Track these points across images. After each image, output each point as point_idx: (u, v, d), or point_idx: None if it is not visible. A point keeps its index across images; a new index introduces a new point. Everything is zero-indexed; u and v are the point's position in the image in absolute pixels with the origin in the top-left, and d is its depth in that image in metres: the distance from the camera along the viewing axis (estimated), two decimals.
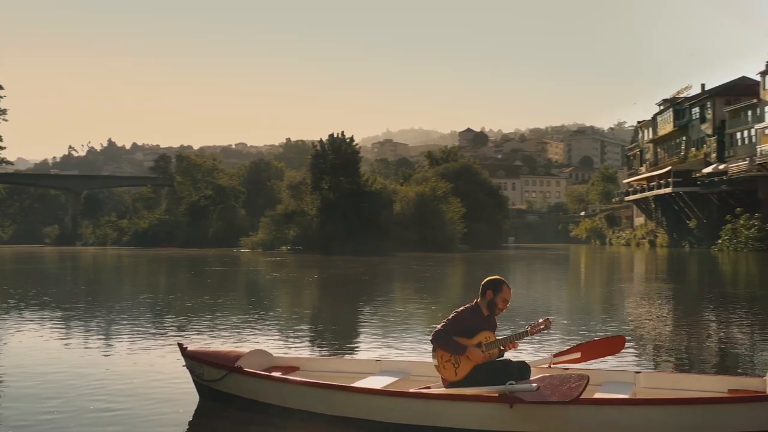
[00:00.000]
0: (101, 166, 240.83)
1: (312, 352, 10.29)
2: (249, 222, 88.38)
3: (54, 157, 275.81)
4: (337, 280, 28.22)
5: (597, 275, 34.56)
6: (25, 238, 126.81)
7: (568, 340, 10.89)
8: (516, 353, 7.54)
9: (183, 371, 7.45)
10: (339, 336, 12.09)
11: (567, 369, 6.43)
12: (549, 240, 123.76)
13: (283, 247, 70.19)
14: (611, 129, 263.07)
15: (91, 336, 11.90)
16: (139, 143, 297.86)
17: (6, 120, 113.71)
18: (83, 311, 16.32)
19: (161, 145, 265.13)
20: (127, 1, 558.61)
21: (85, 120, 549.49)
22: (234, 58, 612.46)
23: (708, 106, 76.74)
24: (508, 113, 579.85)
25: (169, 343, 10.89)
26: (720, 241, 64.93)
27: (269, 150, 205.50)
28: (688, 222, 76.39)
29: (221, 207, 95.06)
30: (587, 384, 5.19)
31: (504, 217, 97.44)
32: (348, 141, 75.97)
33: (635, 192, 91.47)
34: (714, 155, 73.90)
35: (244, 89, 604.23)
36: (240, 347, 9.63)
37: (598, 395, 5.68)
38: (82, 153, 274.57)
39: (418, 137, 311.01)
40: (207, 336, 11.69)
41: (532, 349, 9.82)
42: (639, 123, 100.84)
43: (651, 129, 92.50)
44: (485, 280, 6.30)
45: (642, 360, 9.55)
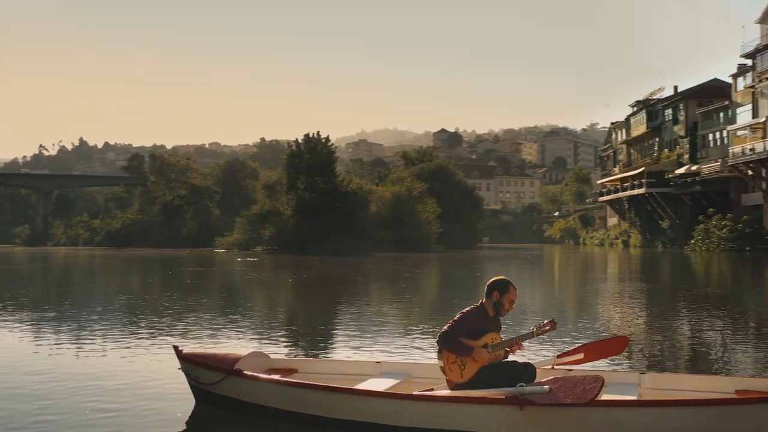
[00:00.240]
0: (72, 165, 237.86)
1: (306, 353, 10.17)
2: (224, 222, 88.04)
3: (24, 156, 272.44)
4: (319, 280, 28.08)
5: (574, 275, 34.77)
6: None
7: (552, 341, 10.88)
8: (517, 354, 7.49)
9: (177, 374, 7.30)
10: (331, 337, 11.98)
11: (571, 370, 6.40)
12: (523, 240, 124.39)
13: (258, 247, 69.86)
14: (584, 130, 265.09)
15: (78, 339, 11.62)
16: (111, 142, 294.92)
17: None
18: (64, 314, 16.03)
19: (134, 145, 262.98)
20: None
21: (56, 119, 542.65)
22: (205, 57, 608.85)
23: (680, 107, 77.58)
24: (481, 114, 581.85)
25: (159, 345, 10.73)
26: (693, 242, 65.64)
27: (243, 150, 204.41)
28: (661, 222, 77.18)
29: (195, 207, 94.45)
30: (602, 386, 5.16)
31: (479, 218, 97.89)
32: (324, 141, 75.87)
33: (609, 192, 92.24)
34: (687, 156, 74.69)
35: (217, 88, 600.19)
36: (233, 349, 9.48)
37: (605, 397, 5.64)
38: (53, 152, 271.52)
39: (392, 137, 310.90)
40: (196, 338, 11.52)
41: (530, 351, 9.79)
42: (612, 124, 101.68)
43: (624, 130, 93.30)
44: (491, 280, 6.24)
45: (631, 361, 9.56)
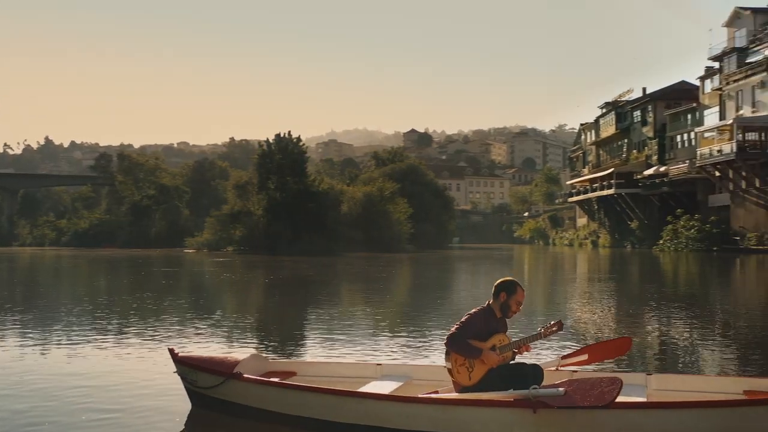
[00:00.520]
0: (38, 164, 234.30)
1: (296, 355, 10.04)
2: (193, 222, 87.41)
3: None
4: (296, 281, 27.86)
5: (544, 275, 34.98)
6: None
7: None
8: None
9: (172, 377, 7.15)
10: (321, 339, 11.78)
11: (576, 371, 6.38)
12: (493, 240, 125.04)
13: (229, 248, 69.39)
14: (553, 131, 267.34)
15: (61, 342, 11.29)
16: (78, 141, 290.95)
17: None
18: (40, 317, 15.60)
19: (100, 144, 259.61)
20: None
21: (21, 117, 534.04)
22: (172, 56, 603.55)
23: (649, 109, 78.46)
24: (451, 114, 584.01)
25: (147, 348, 10.52)
26: (661, 242, 66.39)
27: (212, 149, 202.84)
28: (629, 223, 77.98)
29: (164, 207, 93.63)
30: (621, 387, 5.13)
31: (450, 218, 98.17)
32: (295, 141, 75.54)
33: (578, 193, 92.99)
34: (655, 157, 75.54)
35: (185, 87, 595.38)
36: (226, 352, 9.33)
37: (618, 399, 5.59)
38: (17, 151, 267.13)
39: (362, 138, 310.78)
40: (184, 340, 11.29)
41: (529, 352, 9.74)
42: (582, 125, 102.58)
43: (593, 131, 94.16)
44: (499, 281, 6.17)
45: (615, 361, 9.57)
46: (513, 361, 6.09)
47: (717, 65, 65.75)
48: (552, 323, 6.15)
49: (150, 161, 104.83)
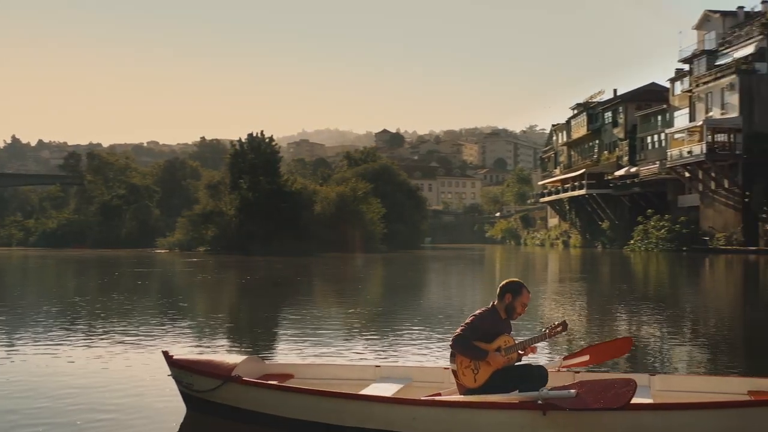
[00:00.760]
0: (4, 163, 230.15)
1: (284, 356, 9.93)
2: (164, 222, 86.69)
3: None
4: (274, 282, 27.67)
5: (519, 275, 35.11)
6: None
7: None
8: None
9: (166, 380, 7.01)
10: (308, 339, 11.68)
11: (578, 372, 6.36)
12: (465, 240, 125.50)
13: (201, 248, 68.87)
14: (524, 132, 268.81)
15: (43, 344, 11.03)
16: (46, 140, 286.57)
17: None
18: (20, 318, 15.33)
19: (69, 143, 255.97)
20: None
21: None
22: (142, 53, 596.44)
23: (620, 110, 79.24)
24: (422, 115, 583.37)
25: (134, 350, 10.32)
26: (632, 242, 67.08)
27: (183, 149, 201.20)
28: (600, 223, 78.68)
29: (135, 207, 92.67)
30: (635, 389, 5.10)
31: (422, 218, 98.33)
32: (267, 140, 75.18)
33: (550, 193, 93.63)
34: (626, 158, 76.29)
35: (154, 86, 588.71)
36: (213, 353, 9.20)
37: None
38: None
39: (334, 138, 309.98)
40: (170, 341, 11.13)
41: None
42: (553, 126, 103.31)
43: (565, 132, 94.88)
44: (504, 282, 6.13)
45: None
46: (518, 363, 6.05)
47: (687, 67, 66.63)
48: (557, 323, 6.11)
49: (120, 160, 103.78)
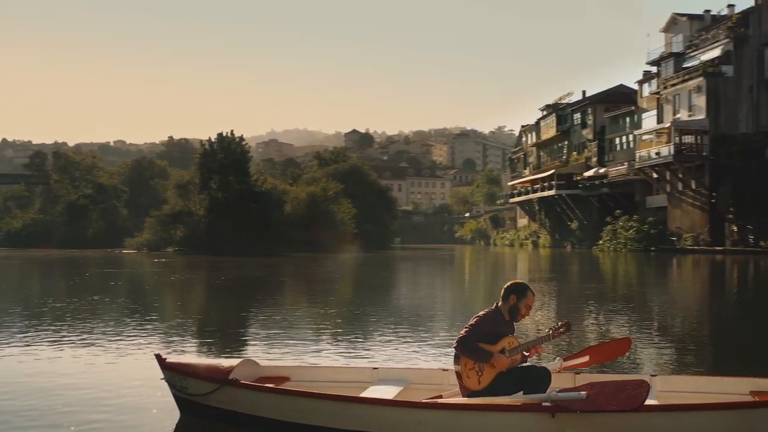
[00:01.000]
0: None
1: (272, 359, 9.79)
2: (132, 222, 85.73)
3: None
4: (248, 282, 27.47)
5: (485, 274, 35.42)
6: None
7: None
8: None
9: (159, 384, 6.86)
10: (290, 342, 11.58)
11: (579, 373, 6.34)
12: (434, 240, 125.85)
13: (170, 248, 68.21)
14: (492, 133, 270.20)
15: (19, 346, 10.78)
16: (10, 139, 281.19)
17: None
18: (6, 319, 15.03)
19: (34, 142, 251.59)
20: None
21: None
22: (108, 51, 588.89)
23: (589, 112, 80.00)
24: (392, 115, 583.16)
25: (116, 353, 10.12)
26: (601, 242, 67.77)
27: (150, 148, 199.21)
28: (569, 223, 79.39)
29: (102, 206, 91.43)
30: (649, 390, 5.08)
31: (392, 218, 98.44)
32: (237, 140, 74.68)
33: (519, 194, 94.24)
34: (594, 159, 77.05)
35: (121, 84, 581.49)
36: (198, 356, 9.04)
37: None
38: None
39: (302, 138, 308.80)
40: (153, 344, 10.95)
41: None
42: (523, 127, 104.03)
43: (534, 133, 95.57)
44: (509, 283, 6.08)
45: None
46: (523, 365, 6.01)
47: (655, 70, 67.50)
48: (560, 324, 6.08)
49: (86, 160, 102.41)
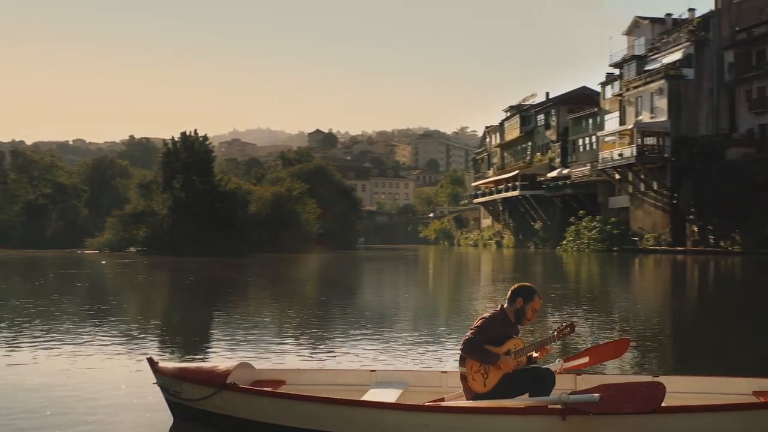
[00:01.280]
0: None
1: (259, 361, 9.64)
2: (92, 222, 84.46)
3: None
4: (217, 283, 27.12)
5: (449, 274, 35.63)
6: None
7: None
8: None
9: (151, 389, 6.69)
10: (274, 343, 11.43)
11: (580, 374, 6.32)
12: (398, 241, 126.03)
13: (132, 248, 67.32)
14: (455, 133, 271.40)
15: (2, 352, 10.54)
16: None
17: None
18: None
19: None
20: None
21: None
22: (67, 47, 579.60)
23: (552, 113, 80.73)
24: (355, 115, 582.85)
25: (98, 356, 9.88)
26: (564, 242, 68.41)
27: (110, 147, 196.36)
28: (533, 224, 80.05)
29: (61, 206, 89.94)
30: (665, 392, 5.07)
31: (357, 218, 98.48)
32: (201, 139, 73.99)
33: (483, 195, 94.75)
34: (558, 160, 77.81)
35: (79, 81, 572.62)
36: (206, 360, 8.85)
37: None
38: None
39: (265, 137, 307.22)
40: (134, 346, 10.73)
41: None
42: (487, 128, 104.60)
43: (498, 134, 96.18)
44: (516, 286, 6.02)
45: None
46: (529, 366, 5.95)
47: (617, 72, 68.37)
48: (564, 325, 6.05)
49: (45, 159, 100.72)
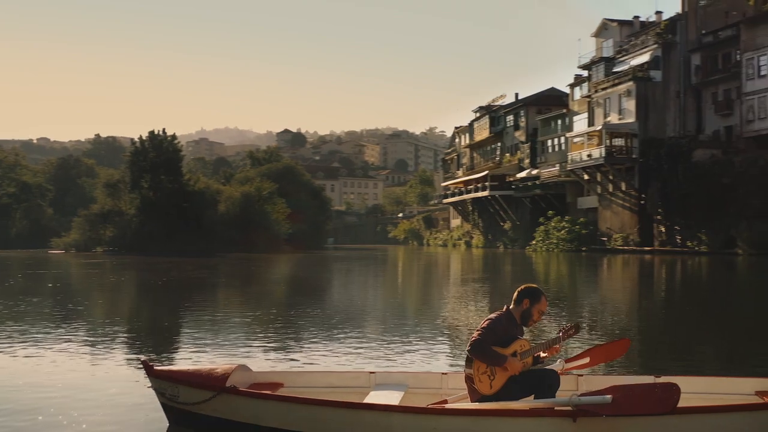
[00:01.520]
0: None
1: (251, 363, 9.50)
2: (58, 222, 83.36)
3: None
4: (189, 283, 26.83)
5: (418, 274, 35.69)
6: None
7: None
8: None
9: (136, 392, 6.56)
10: (256, 343, 11.31)
11: (581, 375, 6.31)
12: (367, 241, 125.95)
13: (99, 248, 66.44)
14: (424, 134, 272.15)
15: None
16: None
17: None
18: None
19: None
20: None
21: None
22: (29, 45, 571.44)
23: (521, 114, 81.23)
24: (323, 115, 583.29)
25: (81, 359, 9.67)
26: (534, 242, 68.86)
27: (75, 146, 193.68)
28: (502, 224, 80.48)
29: (26, 205, 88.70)
30: (680, 393, 5.06)
31: (326, 218, 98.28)
32: (170, 139, 73.40)
33: (453, 195, 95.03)
34: (527, 161, 78.31)
35: (44, 79, 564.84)
36: (203, 363, 8.68)
37: None
38: None
39: (233, 137, 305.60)
40: (117, 349, 10.52)
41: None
42: (456, 129, 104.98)
43: (468, 135, 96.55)
44: (522, 287, 5.98)
45: None
46: (536, 366, 5.92)
47: (586, 73, 69.00)
48: (569, 326, 6.03)
49: (9, 157, 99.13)
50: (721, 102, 57.41)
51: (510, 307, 5.94)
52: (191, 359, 9.71)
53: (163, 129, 72.97)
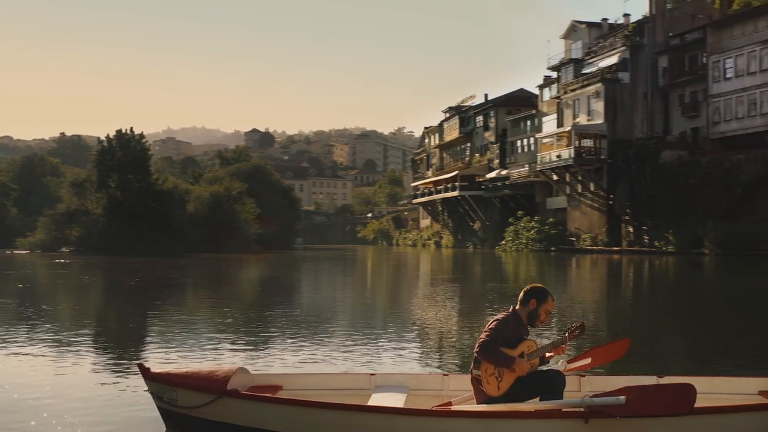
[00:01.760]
0: None
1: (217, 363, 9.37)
2: (22, 221, 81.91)
3: None
4: (162, 284, 26.53)
5: (387, 274, 35.76)
6: None
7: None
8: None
9: (141, 397, 6.43)
10: (238, 344, 11.20)
11: (584, 375, 6.30)
12: (337, 241, 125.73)
13: (64, 248, 65.43)
14: (393, 134, 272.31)
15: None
16: None
17: None
18: None
19: None
20: None
21: None
22: None
23: (491, 115, 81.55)
24: (291, 115, 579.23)
25: (57, 362, 9.48)
26: (503, 242, 69.21)
27: (39, 145, 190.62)
28: (472, 224, 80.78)
29: None
30: (696, 393, 5.07)
31: (296, 218, 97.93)
32: (137, 138, 72.52)
33: (423, 195, 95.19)
34: (497, 161, 78.66)
35: (6, 77, 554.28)
36: (202, 366, 8.54)
37: None
38: None
39: (200, 136, 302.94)
40: (102, 352, 10.35)
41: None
42: (426, 129, 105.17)
43: (437, 135, 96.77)
44: (529, 287, 5.94)
45: None
46: (542, 367, 5.90)
47: (555, 75, 69.49)
48: (575, 326, 6.01)
49: None
50: (688, 104, 58.17)
51: (516, 308, 5.90)
52: (177, 362, 9.56)
53: (131, 128, 72.11)
